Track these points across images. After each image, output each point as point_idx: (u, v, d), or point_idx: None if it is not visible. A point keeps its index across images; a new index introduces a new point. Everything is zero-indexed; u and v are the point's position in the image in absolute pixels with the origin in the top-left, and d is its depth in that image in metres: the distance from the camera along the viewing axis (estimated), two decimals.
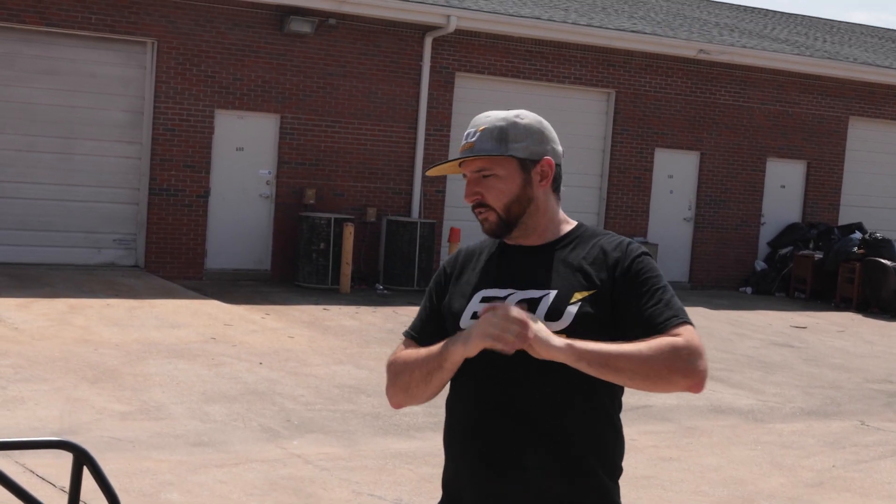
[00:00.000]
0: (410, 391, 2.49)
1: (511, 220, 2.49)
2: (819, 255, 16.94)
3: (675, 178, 17.23)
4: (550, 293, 2.41)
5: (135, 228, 13.65)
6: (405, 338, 2.65)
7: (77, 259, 13.30)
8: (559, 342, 2.28)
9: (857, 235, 16.94)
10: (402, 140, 14.98)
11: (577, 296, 2.39)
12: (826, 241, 17.30)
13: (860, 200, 18.86)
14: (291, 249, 14.19)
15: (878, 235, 16.61)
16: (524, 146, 2.49)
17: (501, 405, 2.39)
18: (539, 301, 2.40)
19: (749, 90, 17.48)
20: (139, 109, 13.55)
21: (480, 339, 2.29)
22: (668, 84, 16.83)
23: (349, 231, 13.68)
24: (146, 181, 13.56)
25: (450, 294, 2.56)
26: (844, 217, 18.54)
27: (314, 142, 14.45)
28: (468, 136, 2.52)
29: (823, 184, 18.46)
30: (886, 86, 18.64)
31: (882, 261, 16.02)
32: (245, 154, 14.22)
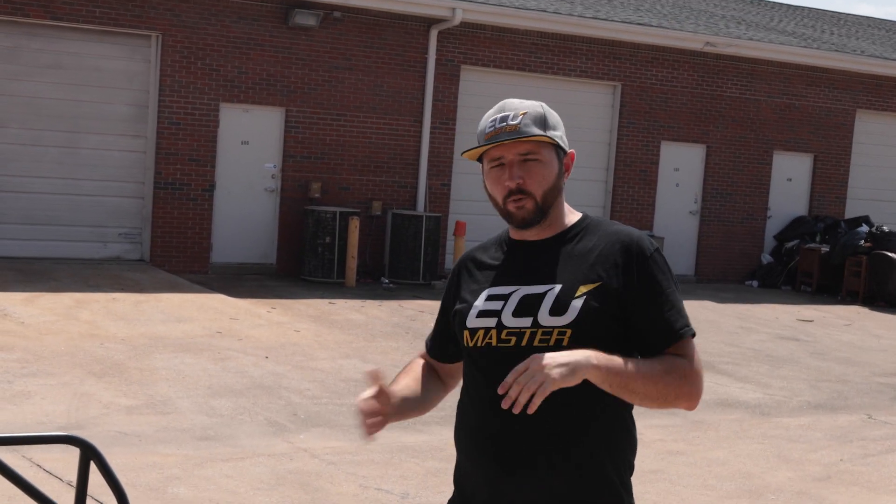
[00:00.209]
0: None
1: (545, 210, 2.44)
2: (825, 249, 16.89)
3: (681, 172, 17.19)
4: (555, 287, 2.38)
5: (140, 222, 13.65)
6: (424, 348, 2.73)
7: (83, 253, 13.30)
8: (579, 373, 2.23)
9: (864, 229, 16.89)
10: (408, 133, 14.96)
11: (583, 289, 2.36)
12: (832, 235, 17.26)
13: (867, 194, 18.81)
14: (297, 243, 14.18)
15: (885, 229, 16.55)
16: (560, 135, 2.47)
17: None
18: (543, 296, 2.37)
19: (756, 83, 17.43)
20: (144, 103, 13.54)
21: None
22: (675, 77, 16.78)
23: (354, 225, 13.67)
24: (151, 175, 13.56)
25: (457, 298, 2.54)
26: (851, 210, 18.49)
27: (319, 135, 14.43)
28: (507, 119, 2.42)
29: (830, 177, 18.41)
30: (894, 79, 18.58)
31: (889, 254, 15.97)
32: (250, 148, 14.21)
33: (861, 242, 16.47)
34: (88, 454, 2.51)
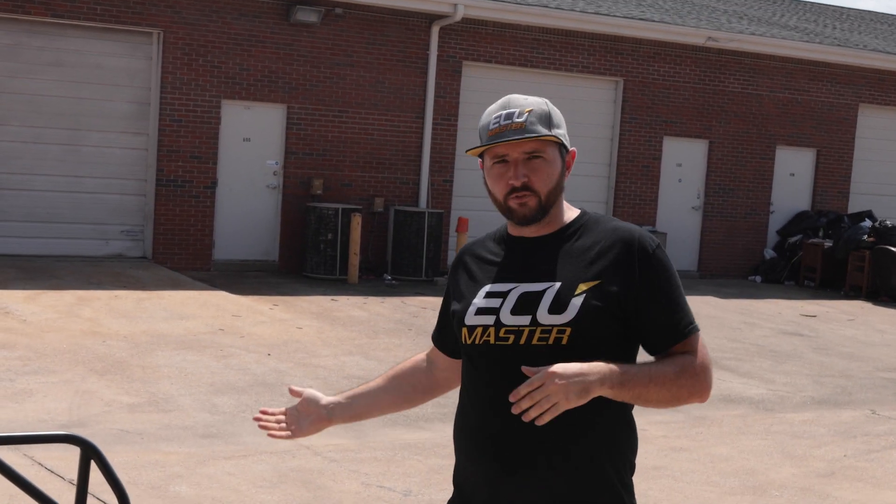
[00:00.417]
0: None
1: (547, 208, 2.42)
2: (828, 244, 16.87)
3: (684, 167, 17.16)
4: (554, 285, 2.35)
5: (142, 220, 13.64)
6: (431, 342, 2.77)
7: (85, 251, 13.30)
8: (592, 394, 2.22)
9: (867, 223, 16.86)
10: (410, 130, 14.94)
11: (582, 287, 2.34)
12: (835, 230, 17.23)
13: (870, 188, 18.78)
14: (299, 240, 14.17)
15: (888, 223, 16.52)
16: (563, 133, 2.45)
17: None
18: (542, 294, 2.35)
19: (758, 78, 17.39)
20: (146, 100, 13.53)
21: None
22: (677, 72, 16.75)
23: (357, 221, 13.65)
24: (153, 172, 13.54)
25: (456, 294, 2.53)
26: (854, 205, 18.46)
27: (321, 132, 14.41)
28: (512, 117, 2.38)
29: (833, 172, 18.38)
30: None
31: (892, 249, 15.94)
32: (252, 145, 14.20)
33: (864, 237, 16.45)
34: (89, 453, 2.49)
